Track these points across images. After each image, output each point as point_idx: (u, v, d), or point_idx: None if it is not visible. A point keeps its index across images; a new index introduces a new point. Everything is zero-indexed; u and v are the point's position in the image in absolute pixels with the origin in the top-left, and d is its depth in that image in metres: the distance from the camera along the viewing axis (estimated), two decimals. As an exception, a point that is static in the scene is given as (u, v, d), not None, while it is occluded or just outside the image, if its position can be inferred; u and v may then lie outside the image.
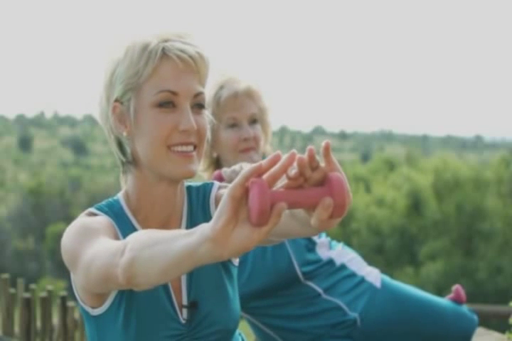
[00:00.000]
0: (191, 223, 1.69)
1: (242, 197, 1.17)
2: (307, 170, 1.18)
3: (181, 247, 1.22)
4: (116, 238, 1.58)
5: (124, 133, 1.63)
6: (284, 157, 1.17)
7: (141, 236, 1.33)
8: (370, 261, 3.05)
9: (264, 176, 1.17)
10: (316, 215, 1.18)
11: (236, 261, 1.74)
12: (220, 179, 2.37)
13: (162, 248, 1.26)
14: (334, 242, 2.69)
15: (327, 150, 1.20)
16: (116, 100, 1.62)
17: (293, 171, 1.17)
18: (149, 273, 1.29)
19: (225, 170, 2.38)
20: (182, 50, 1.59)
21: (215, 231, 1.16)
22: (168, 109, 1.60)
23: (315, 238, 2.60)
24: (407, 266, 22.36)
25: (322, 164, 1.20)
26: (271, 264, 2.54)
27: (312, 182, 1.19)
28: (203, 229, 1.19)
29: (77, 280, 1.58)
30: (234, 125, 2.55)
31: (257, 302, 2.58)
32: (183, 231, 1.25)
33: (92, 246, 1.48)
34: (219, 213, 1.17)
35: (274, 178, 1.17)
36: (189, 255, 1.21)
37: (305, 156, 1.18)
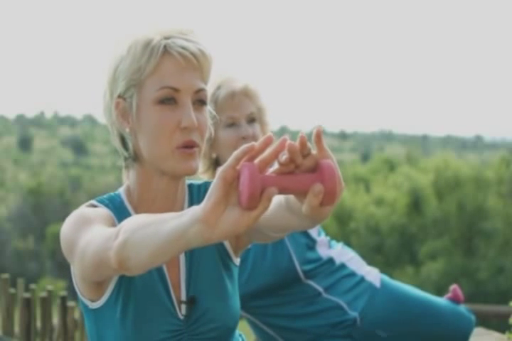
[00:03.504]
0: None
1: (233, 179, 1.17)
2: (298, 156, 1.18)
3: (172, 228, 1.23)
4: None
5: (127, 129, 1.64)
6: (276, 142, 1.17)
7: (135, 219, 1.34)
8: (370, 261, 3.06)
9: (256, 161, 1.17)
10: (307, 202, 1.18)
11: (237, 261, 1.74)
12: None
13: (153, 229, 1.27)
14: (334, 242, 2.70)
15: (318, 136, 1.20)
16: (119, 96, 1.64)
17: (284, 157, 1.17)
18: (140, 256, 1.30)
19: None
20: (184, 47, 1.60)
21: (205, 212, 1.17)
22: (169, 105, 1.61)
23: (315, 236, 2.60)
24: (406, 266, 22.32)
25: (314, 151, 1.20)
26: (271, 263, 2.54)
27: (303, 169, 1.20)
28: (194, 210, 1.20)
29: (74, 269, 1.59)
30: (232, 124, 2.55)
31: (257, 302, 2.58)
32: (175, 213, 1.26)
33: (89, 233, 1.48)
34: (209, 194, 1.17)
35: (265, 163, 1.18)
36: (179, 236, 1.21)
37: (296, 143, 1.18)
